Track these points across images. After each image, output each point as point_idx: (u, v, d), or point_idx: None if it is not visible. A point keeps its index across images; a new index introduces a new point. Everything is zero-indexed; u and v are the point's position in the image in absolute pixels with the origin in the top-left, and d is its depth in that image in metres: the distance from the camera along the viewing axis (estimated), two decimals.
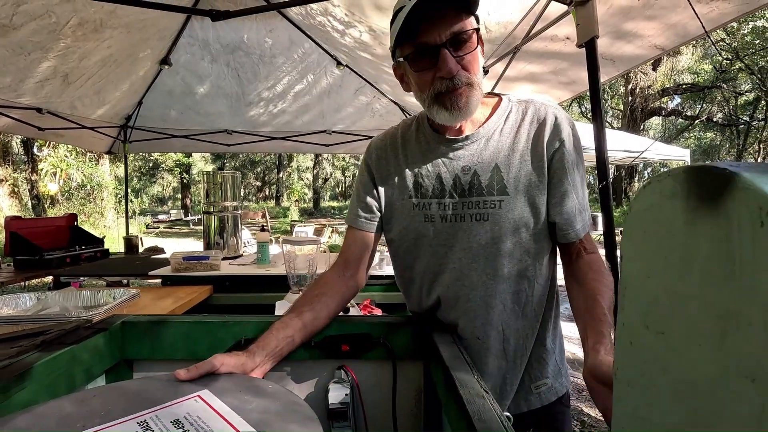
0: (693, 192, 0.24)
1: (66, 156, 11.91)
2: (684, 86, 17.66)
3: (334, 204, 31.26)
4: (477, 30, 0.79)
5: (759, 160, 19.85)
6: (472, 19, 0.78)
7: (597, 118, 1.22)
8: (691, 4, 1.16)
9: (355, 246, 0.97)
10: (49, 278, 3.36)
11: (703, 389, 0.23)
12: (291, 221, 16.22)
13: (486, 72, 2.44)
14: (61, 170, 11.83)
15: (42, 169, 11.98)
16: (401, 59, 0.82)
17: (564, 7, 1.38)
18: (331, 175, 33.05)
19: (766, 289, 0.19)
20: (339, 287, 0.94)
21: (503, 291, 0.86)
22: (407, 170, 0.92)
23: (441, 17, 0.75)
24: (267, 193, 34.19)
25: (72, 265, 3.34)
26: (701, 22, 1.23)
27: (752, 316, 0.20)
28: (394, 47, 0.83)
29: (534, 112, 0.87)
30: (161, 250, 4.04)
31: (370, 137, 4.71)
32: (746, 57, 14.18)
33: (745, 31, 12.66)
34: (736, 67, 16.06)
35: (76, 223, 4.11)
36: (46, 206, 12.20)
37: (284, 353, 0.82)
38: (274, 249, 2.76)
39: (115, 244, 8.70)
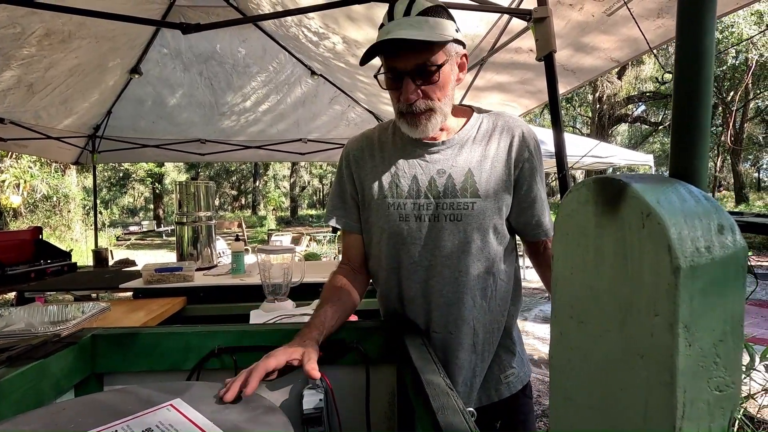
0: (600, 199, 0.28)
1: (30, 167, 11.43)
2: (647, 94, 18.45)
3: (312, 212, 31.04)
4: (446, 55, 0.85)
5: (718, 163, 20.87)
6: (449, 47, 0.85)
7: (556, 123, 1.32)
8: (636, 22, 1.26)
9: (354, 248, 1.05)
10: (12, 294, 3.22)
11: (612, 369, 0.27)
12: (268, 230, 16.01)
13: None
14: (25, 181, 11.34)
15: (4, 181, 11.45)
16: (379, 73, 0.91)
17: (525, 23, 1.46)
18: (308, 183, 32.84)
19: (648, 280, 0.23)
20: (354, 281, 1.02)
21: (473, 287, 0.93)
22: (384, 171, 0.97)
23: (410, 47, 0.82)
24: (243, 202, 33.65)
25: (37, 280, 3.21)
26: (646, 39, 1.33)
27: (640, 304, 0.24)
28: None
29: (504, 124, 0.95)
30: (132, 263, 3.93)
31: None
32: None
33: None
34: None
35: (41, 236, 3.96)
36: (8, 219, 11.65)
37: (327, 334, 0.88)
38: (250, 258, 2.74)
39: (83, 258, 8.39)
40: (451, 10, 0.90)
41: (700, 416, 0.22)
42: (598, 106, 17.89)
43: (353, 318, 1.80)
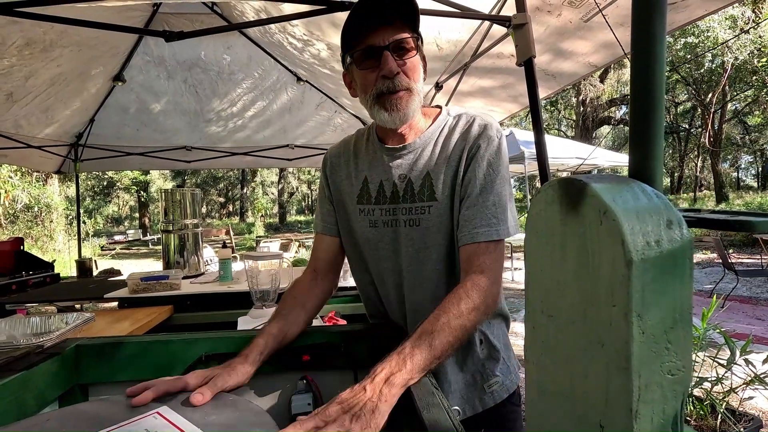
0: (564, 199, 0.30)
1: (10, 176, 11.18)
2: (629, 97, 18.84)
3: (301, 218, 30.92)
4: (417, 41, 0.86)
5: (698, 163, 21.40)
6: (415, 34, 0.86)
7: (537, 126, 1.34)
8: (611, 28, 1.30)
9: (323, 251, 1.03)
10: None
11: (577, 358, 0.29)
12: (256, 237, 15.88)
13: (440, 87, 2.55)
14: (5, 191, 11.08)
15: None
16: (349, 61, 0.88)
17: (505, 29, 1.49)
18: (296, 189, 32.70)
19: (606, 273, 0.25)
20: (313, 290, 0.99)
21: (437, 294, 0.90)
22: (356, 178, 0.97)
23: (385, 26, 0.82)
24: (231, 209, 33.39)
25: (18, 292, 3.14)
26: (620, 44, 1.37)
27: (600, 296, 0.26)
28: (344, 53, 0.89)
29: (464, 123, 0.91)
30: (117, 272, 3.88)
31: None
32: (682, 69, 15.41)
33: (679, 47, 13.77)
34: (673, 78, 17.40)
35: (22, 247, 3.88)
36: None
37: (270, 354, 0.84)
38: (238, 266, 2.72)
39: (66, 269, 8.22)
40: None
41: (654, 399, 0.24)
42: (581, 109, 18.23)
43: (342, 322, 1.80)
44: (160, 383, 0.70)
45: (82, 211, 5.22)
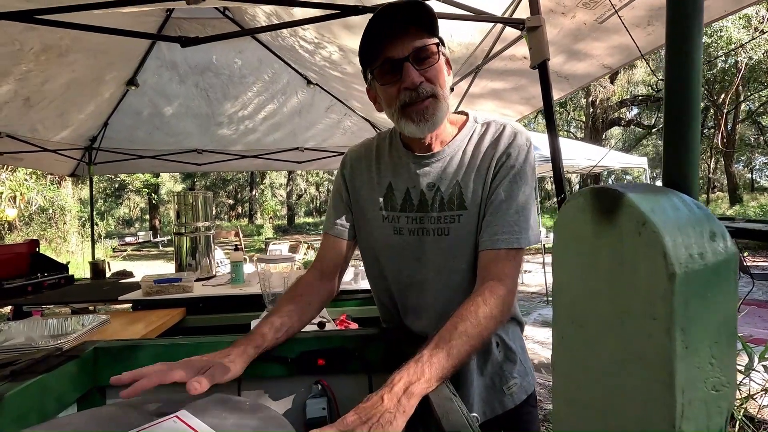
0: (596, 208, 0.29)
1: (26, 179, 11.39)
2: (640, 97, 18.66)
3: (309, 220, 31.06)
4: (438, 46, 0.84)
5: (711, 165, 21.07)
6: (435, 39, 0.84)
7: (551, 130, 1.32)
8: (627, 30, 1.29)
9: (330, 252, 1.02)
10: (8, 308, 3.19)
11: (611, 371, 0.28)
12: (265, 239, 15.96)
13: (451, 90, 2.54)
14: (21, 194, 11.28)
15: (1, 194, 11.39)
16: (370, 77, 0.87)
17: (519, 31, 1.48)
18: (305, 191, 32.86)
19: (645, 285, 0.24)
20: (317, 290, 0.99)
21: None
22: (379, 183, 0.96)
23: (404, 35, 0.81)
24: (240, 211, 33.66)
25: (34, 294, 3.19)
26: (637, 46, 1.35)
27: (637, 308, 0.25)
28: (364, 68, 0.88)
29: (494, 132, 0.90)
30: (130, 274, 3.92)
31: (342, 153, 4.75)
32: None
33: None
34: None
35: (37, 249, 3.94)
36: (3, 233, 11.58)
37: (267, 349, 0.85)
38: (248, 268, 2.74)
39: (80, 270, 8.34)
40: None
41: (698, 415, 0.23)
42: (591, 110, 18.07)
43: (354, 326, 1.80)
44: (152, 374, 0.70)
45: (94, 213, 5.29)
